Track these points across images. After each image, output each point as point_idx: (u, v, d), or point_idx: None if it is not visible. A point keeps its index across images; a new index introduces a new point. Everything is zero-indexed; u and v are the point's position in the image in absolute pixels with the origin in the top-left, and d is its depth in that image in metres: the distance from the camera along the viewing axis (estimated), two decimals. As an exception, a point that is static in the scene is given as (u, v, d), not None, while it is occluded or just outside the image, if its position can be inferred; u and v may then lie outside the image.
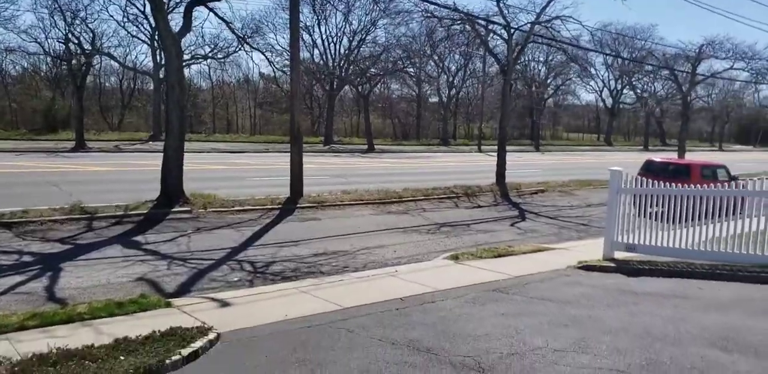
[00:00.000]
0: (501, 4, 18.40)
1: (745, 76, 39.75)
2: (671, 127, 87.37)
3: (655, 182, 9.28)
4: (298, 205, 15.04)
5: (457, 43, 34.34)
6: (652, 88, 71.04)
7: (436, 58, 58.86)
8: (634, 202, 9.47)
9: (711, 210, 8.68)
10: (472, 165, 32.82)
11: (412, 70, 52.05)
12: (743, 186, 8.77)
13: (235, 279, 8.78)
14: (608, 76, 72.01)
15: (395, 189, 18.47)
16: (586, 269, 9.19)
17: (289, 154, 16.20)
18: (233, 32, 17.01)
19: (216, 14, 14.96)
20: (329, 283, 8.12)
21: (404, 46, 48.36)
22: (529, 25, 18.81)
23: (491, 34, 20.76)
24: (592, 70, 68.30)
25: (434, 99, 66.91)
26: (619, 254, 9.70)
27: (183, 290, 8.18)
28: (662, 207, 9.15)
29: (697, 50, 36.16)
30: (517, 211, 17.33)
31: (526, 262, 9.83)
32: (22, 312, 6.28)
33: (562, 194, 21.29)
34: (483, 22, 19.01)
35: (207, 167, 24.12)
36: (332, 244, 11.45)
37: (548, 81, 65.17)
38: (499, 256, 10.22)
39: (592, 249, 10.78)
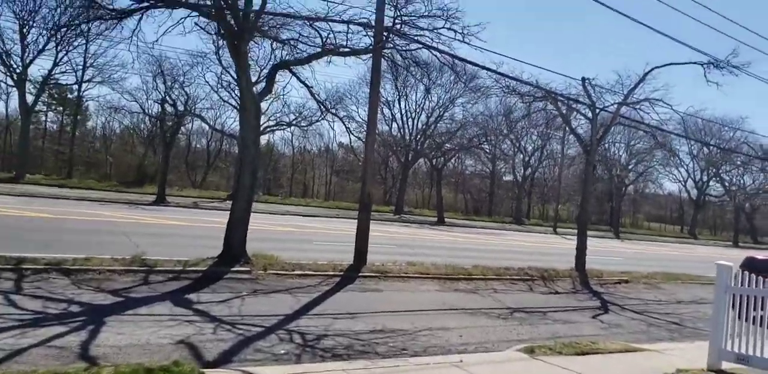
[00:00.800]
0: (586, 84, 17.82)
1: None
2: (763, 224, 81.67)
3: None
4: (360, 274, 14.25)
5: (536, 124, 33.88)
6: (741, 181, 67.28)
7: (513, 137, 58.67)
8: (738, 304, 8.05)
9: None
10: (547, 246, 31.17)
11: (487, 147, 51.84)
12: None
13: (282, 352, 7.94)
14: (693, 167, 69.03)
15: (464, 265, 17.36)
16: (688, 381, 7.72)
17: (355, 222, 15.68)
18: (314, 98, 17.14)
19: (298, 78, 15.07)
20: (383, 368, 7.12)
21: (481, 124, 48.53)
22: (615, 105, 18.05)
23: (574, 114, 20.09)
24: (678, 159, 65.88)
25: (508, 178, 66.11)
26: (727, 366, 8.16)
27: (223, 359, 7.42)
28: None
29: None
30: (599, 301, 15.70)
31: (614, 364, 8.45)
32: (43, 371, 5.69)
33: (648, 287, 19.37)
34: (565, 101, 18.43)
35: (276, 229, 23.99)
36: (391, 321, 10.45)
37: (629, 167, 63.06)
38: (582, 353, 8.86)
39: (691, 355, 9.24)
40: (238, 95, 44.21)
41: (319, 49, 13.69)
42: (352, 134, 47.18)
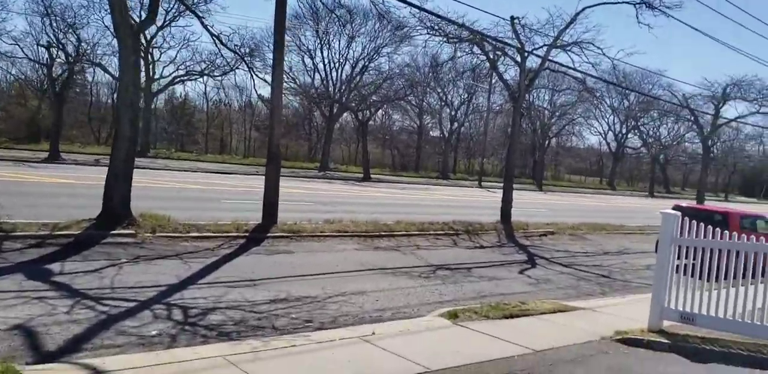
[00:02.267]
0: (515, 23, 16.57)
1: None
2: (674, 175, 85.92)
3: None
4: (269, 234, 12.71)
5: (462, 71, 32.59)
6: (658, 133, 69.71)
7: (440, 90, 57.57)
8: (684, 257, 7.19)
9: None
10: (473, 200, 30.66)
11: (413, 99, 50.48)
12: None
13: (153, 334, 6.40)
14: (614, 120, 70.75)
15: (387, 221, 16.17)
16: (628, 344, 6.83)
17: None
18: (213, 38, 14.79)
19: (192, 11, 12.86)
20: (275, 350, 5.74)
21: (407, 76, 46.91)
22: (545, 48, 16.99)
23: (502, 59, 18.92)
24: (602, 109, 67.18)
25: (436, 133, 65.41)
26: (669, 325, 7.36)
27: (69, 348, 5.79)
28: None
29: (721, 90, 34.22)
30: (526, 255, 14.99)
31: (546, 327, 7.48)
32: None
33: (574, 238, 18.99)
34: (493, 43, 17.16)
35: (181, 186, 21.88)
36: (299, 286, 9.08)
37: (553, 120, 63.73)
38: (511, 316, 7.85)
39: (627, 312, 8.46)
40: (143, 42, 40.54)
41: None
42: (265, 81, 44.33)
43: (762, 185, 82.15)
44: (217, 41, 14.39)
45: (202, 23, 13.62)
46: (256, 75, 22.00)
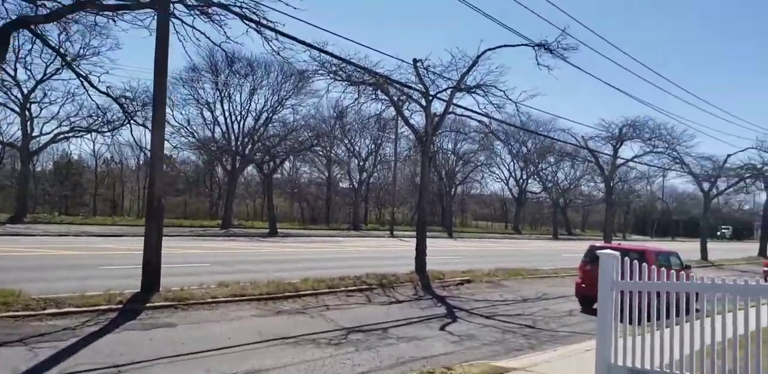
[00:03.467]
0: (418, 67, 16.17)
1: (660, 162, 39.79)
2: (574, 217, 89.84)
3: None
4: (149, 304, 10.76)
5: (368, 118, 32.18)
6: (556, 178, 72.90)
7: (347, 141, 57.30)
8: (629, 303, 6.31)
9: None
10: (386, 250, 29.53)
11: (320, 150, 49.63)
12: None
13: None
14: (514, 166, 73.41)
15: (292, 280, 14.56)
16: (579, 415, 5.71)
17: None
18: (92, 87, 13.10)
19: (44, 41, 11.22)
20: None
21: (313, 127, 46.20)
22: (449, 91, 16.63)
23: (407, 104, 18.45)
24: (502, 156, 69.47)
25: (345, 184, 64.62)
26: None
27: None
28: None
29: (618, 131, 35.87)
30: (445, 308, 13.85)
31: (481, 401, 6.24)
32: None
33: (491, 286, 18.19)
34: (398, 86, 16.63)
35: (53, 253, 19.13)
36: (178, 371, 7.33)
37: (457, 168, 65.01)
38: (438, 390, 6.56)
39: (567, 371, 7.43)
40: (19, 96, 37.26)
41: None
42: (147, 128, 41.61)
43: (653, 223, 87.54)
44: (95, 91, 12.66)
45: (61, 56, 11.90)
46: (143, 126, 19.99)
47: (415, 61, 16.39)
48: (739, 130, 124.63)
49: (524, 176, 72.44)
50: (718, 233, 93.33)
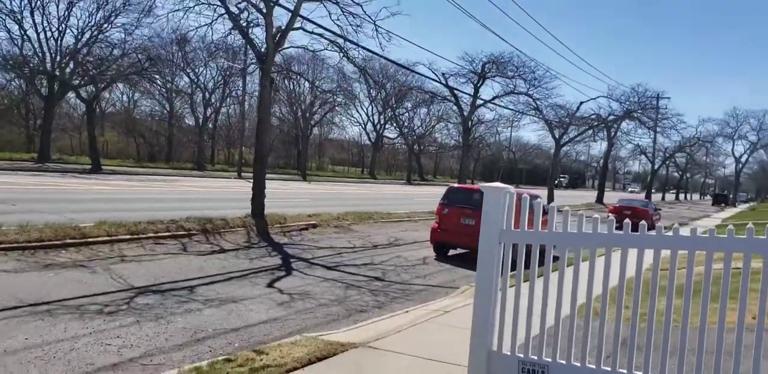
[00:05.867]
0: None
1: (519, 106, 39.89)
2: (428, 163, 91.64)
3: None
4: None
5: (211, 43, 27.84)
6: (413, 124, 72.75)
7: (190, 72, 51.40)
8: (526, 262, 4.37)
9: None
10: (226, 192, 26.39)
11: (158, 78, 43.74)
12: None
13: None
14: (372, 110, 71.86)
15: (86, 223, 11.28)
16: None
17: None
18: None
19: None
20: None
21: (150, 50, 40.11)
22: None
23: (247, 14, 15.08)
24: (360, 100, 67.41)
25: (191, 122, 58.70)
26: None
27: None
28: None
29: (480, 68, 34.82)
30: (280, 257, 11.52)
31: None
32: None
33: (339, 231, 16.18)
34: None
35: None
36: None
37: (314, 108, 61.83)
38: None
39: (427, 347, 5.49)
40: None
41: None
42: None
43: (499, 171, 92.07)
44: None
45: None
46: None
47: None
48: (593, 81, 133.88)
49: (382, 121, 71.32)
50: (556, 181, 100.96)
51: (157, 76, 42.14)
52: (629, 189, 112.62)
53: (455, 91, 34.11)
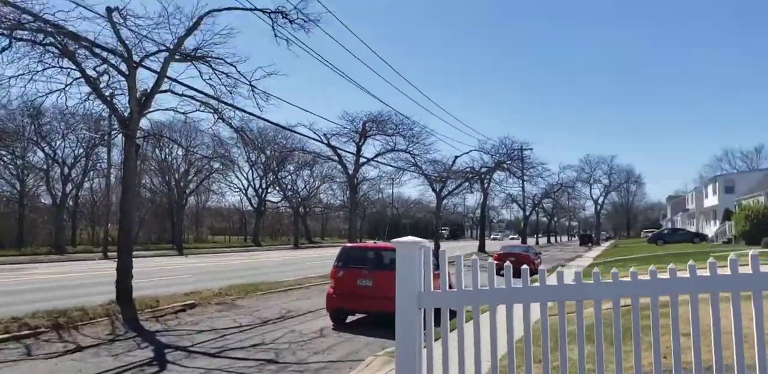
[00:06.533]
0: (115, 17, 11.70)
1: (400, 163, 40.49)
2: (314, 226, 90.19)
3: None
4: None
5: (68, 111, 25.37)
6: (296, 187, 71.69)
7: (46, 147, 47.16)
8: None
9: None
10: (88, 276, 23.39)
11: (6, 155, 39.57)
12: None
13: None
14: (252, 175, 70.06)
15: None
16: None
17: None
18: None
19: None
20: None
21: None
22: (165, 53, 12.43)
23: (107, 77, 13.60)
24: (239, 165, 65.44)
25: (48, 201, 53.22)
26: None
27: None
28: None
29: (361, 126, 35.03)
30: (153, 349, 9.79)
31: None
32: None
33: (222, 308, 14.51)
34: (85, 46, 11.88)
35: None
36: None
37: (189, 177, 58.92)
38: None
39: None
40: None
41: None
42: None
43: (385, 226, 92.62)
44: None
45: None
46: None
47: (109, 10, 11.90)
48: (466, 137, 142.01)
49: (264, 186, 69.56)
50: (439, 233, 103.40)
51: (3, 152, 38.01)
52: (510, 236, 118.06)
53: (338, 151, 33.99)
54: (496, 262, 8.02)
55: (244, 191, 72.00)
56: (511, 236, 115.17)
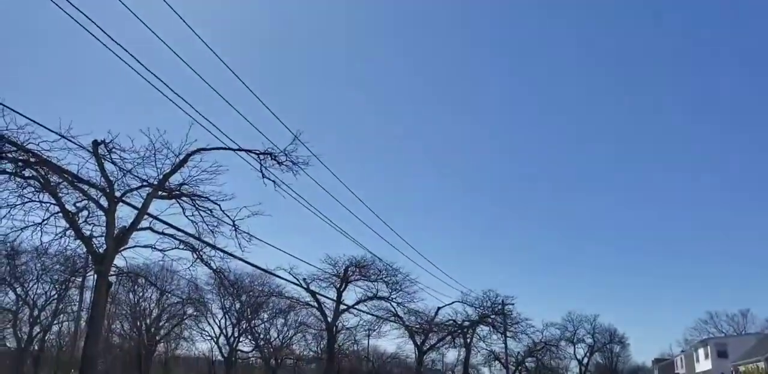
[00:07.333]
0: (101, 150, 13.20)
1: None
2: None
3: None
4: None
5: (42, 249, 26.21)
6: (269, 336, 69.61)
7: (19, 288, 46.84)
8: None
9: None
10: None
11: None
12: None
13: None
14: (225, 322, 68.35)
15: None
16: None
17: None
18: None
19: None
20: None
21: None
22: (148, 189, 13.96)
23: (86, 212, 14.93)
24: (212, 310, 64.18)
25: (12, 344, 51.21)
26: None
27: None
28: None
29: (343, 271, 35.35)
30: None
31: None
32: None
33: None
34: (69, 178, 13.39)
35: None
36: None
37: (161, 323, 57.63)
38: None
39: None
40: None
41: None
42: None
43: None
44: None
45: None
46: None
47: (96, 143, 13.37)
48: (448, 289, 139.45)
49: (236, 334, 67.50)
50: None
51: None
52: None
53: (318, 297, 34.22)
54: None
55: (215, 339, 69.60)
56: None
